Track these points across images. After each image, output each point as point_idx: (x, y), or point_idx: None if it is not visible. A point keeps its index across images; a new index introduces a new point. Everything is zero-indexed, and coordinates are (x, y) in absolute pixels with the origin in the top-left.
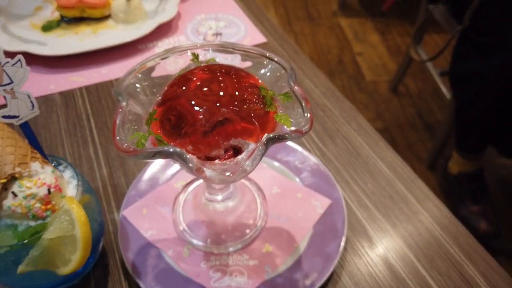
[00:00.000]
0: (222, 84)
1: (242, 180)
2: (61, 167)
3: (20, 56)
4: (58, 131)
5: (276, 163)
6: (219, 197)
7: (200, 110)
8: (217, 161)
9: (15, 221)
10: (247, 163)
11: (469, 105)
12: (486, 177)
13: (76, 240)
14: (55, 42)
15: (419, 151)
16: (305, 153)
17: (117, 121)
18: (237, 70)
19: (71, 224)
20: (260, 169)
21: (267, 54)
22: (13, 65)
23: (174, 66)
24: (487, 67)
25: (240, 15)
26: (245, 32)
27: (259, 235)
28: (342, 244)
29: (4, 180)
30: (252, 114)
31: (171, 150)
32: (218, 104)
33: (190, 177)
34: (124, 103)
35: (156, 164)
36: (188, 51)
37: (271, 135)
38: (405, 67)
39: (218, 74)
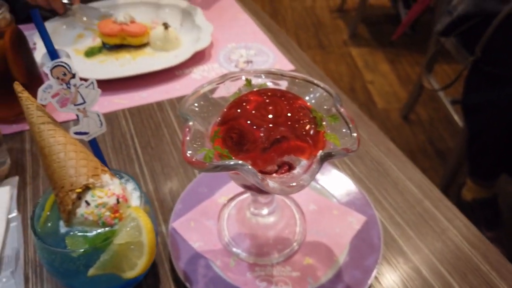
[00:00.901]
0: (277, 106)
1: (282, 197)
2: (123, 180)
3: (93, 79)
4: (105, 150)
5: (312, 182)
6: (265, 211)
7: (260, 129)
8: (274, 174)
9: (86, 228)
10: (304, 177)
11: (481, 133)
12: (499, 204)
13: (142, 246)
14: (98, 67)
15: (432, 177)
16: (339, 173)
17: (186, 138)
18: (289, 94)
19: (138, 231)
20: None
21: (315, 81)
22: (86, 87)
23: (227, 90)
24: (499, 96)
25: (268, 44)
26: (274, 60)
27: (299, 248)
28: (380, 258)
29: (80, 190)
30: (305, 133)
31: (241, 164)
32: (275, 124)
33: (232, 193)
34: (191, 123)
35: (200, 181)
36: (243, 76)
37: (325, 152)
38: (416, 95)
39: (273, 97)
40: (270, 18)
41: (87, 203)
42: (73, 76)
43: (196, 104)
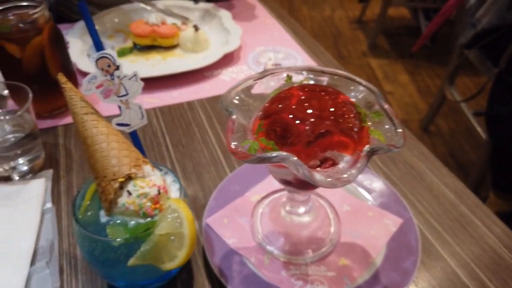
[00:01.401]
0: (321, 101)
1: (316, 197)
2: (162, 173)
3: (136, 71)
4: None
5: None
6: (301, 210)
7: (305, 122)
8: (318, 169)
9: (126, 217)
10: (352, 171)
11: (505, 145)
12: None
13: (183, 237)
14: (129, 67)
15: None
16: (373, 174)
17: (231, 131)
18: (331, 89)
19: (179, 222)
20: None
21: (356, 79)
22: (129, 79)
23: (267, 86)
24: None
25: (296, 48)
26: (302, 63)
27: (334, 249)
28: (418, 261)
29: (122, 179)
30: (350, 128)
31: (288, 156)
32: (320, 118)
33: (265, 191)
34: (234, 116)
35: (232, 179)
36: (284, 73)
37: (372, 147)
38: (437, 107)
39: (316, 92)
40: None
41: (129, 193)
42: (117, 68)
43: (237, 97)
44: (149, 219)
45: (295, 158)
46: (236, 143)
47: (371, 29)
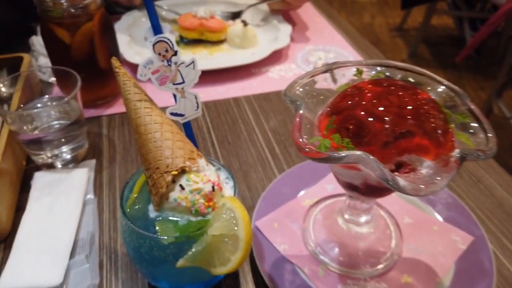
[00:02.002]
0: (400, 97)
1: (375, 206)
2: (215, 168)
3: (194, 58)
4: None
5: None
6: (362, 219)
7: (383, 120)
8: (396, 173)
9: (177, 214)
10: (439, 180)
11: None
12: None
13: (238, 240)
14: None
15: None
16: None
17: (298, 126)
18: (410, 85)
19: (234, 223)
20: (389, 197)
21: (437, 78)
22: (187, 66)
23: (333, 79)
24: None
25: (348, 48)
26: None
27: (395, 264)
28: (494, 285)
29: (176, 172)
30: (434, 130)
31: (369, 157)
32: (400, 116)
33: (317, 196)
34: (302, 111)
35: (282, 181)
36: (354, 67)
37: (462, 153)
38: None
39: (393, 87)
40: None
41: (182, 188)
42: (175, 53)
43: (301, 90)
44: (200, 217)
45: (376, 160)
46: (302, 140)
47: (412, 37)
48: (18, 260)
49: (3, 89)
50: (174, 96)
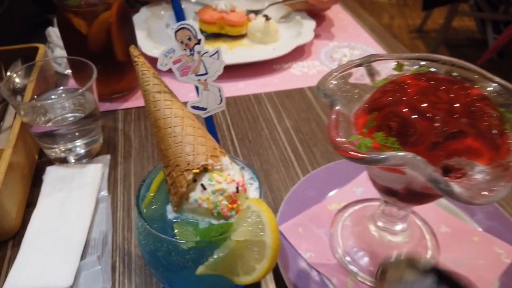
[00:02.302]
0: (450, 93)
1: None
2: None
3: (218, 48)
4: None
5: (442, 200)
6: (398, 227)
7: (432, 118)
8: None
9: (197, 216)
10: (500, 187)
11: None
12: None
13: (264, 247)
14: None
15: None
16: None
17: (335, 124)
18: (459, 79)
19: (260, 229)
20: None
21: (487, 74)
22: (211, 56)
23: (368, 74)
24: None
25: (374, 45)
26: None
27: None
28: None
29: (197, 171)
30: (489, 130)
31: (415, 158)
32: (450, 114)
33: (345, 200)
34: (338, 107)
35: (307, 183)
36: (393, 62)
37: None
38: None
39: (441, 82)
40: None
41: (203, 187)
42: (198, 42)
43: (334, 83)
44: (222, 220)
45: (426, 163)
46: (341, 137)
47: (432, 39)
48: (26, 260)
49: (17, 80)
50: (196, 88)
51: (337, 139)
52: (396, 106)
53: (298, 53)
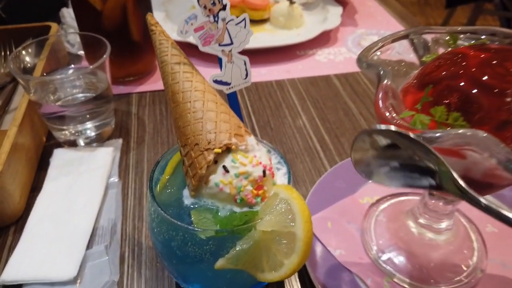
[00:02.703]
0: None
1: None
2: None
3: (245, 15)
4: None
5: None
6: (443, 225)
7: (502, 93)
8: None
9: (218, 203)
10: None
11: None
12: None
13: (295, 239)
14: None
15: None
16: None
17: (383, 99)
18: None
19: (290, 219)
20: None
21: None
22: (237, 24)
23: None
24: None
25: None
26: None
27: (478, 282)
28: None
29: (219, 150)
30: None
31: (489, 138)
32: None
33: (379, 193)
34: (386, 81)
35: (336, 173)
36: (445, 35)
37: None
38: None
39: (507, 52)
40: None
41: (226, 170)
42: (224, 7)
43: (376, 57)
44: (246, 208)
45: (499, 142)
46: (391, 114)
47: None
48: (27, 248)
49: (27, 59)
50: (219, 60)
51: (386, 115)
52: (456, 79)
53: (324, 39)
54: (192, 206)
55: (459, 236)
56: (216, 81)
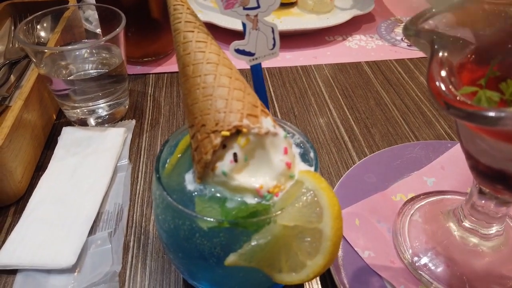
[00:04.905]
0: None
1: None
2: (287, 134)
3: None
4: None
5: None
6: (492, 230)
7: None
8: None
9: (226, 192)
10: None
11: None
12: None
13: (321, 238)
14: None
15: None
16: None
17: (438, 72)
18: None
19: (316, 212)
20: None
21: None
22: None
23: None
24: None
25: None
26: None
27: None
28: None
29: (227, 133)
30: None
31: None
32: None
33: (414, 190)
34: (442, 53)
35: (366, 166)
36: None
37: None
38: None
39: None
40: None
41: (235, 158)
42: None
43: (431, 22)
44: (257, 199)
45: None
46: (445, 90)
47: None
48: (25, 230)
49: (42, 34)
50: (244, 26)
51: (443, 90)
52: None
53: (354, 25)
54: (199, 193)
55: (509, 244)
56: (238, 51)
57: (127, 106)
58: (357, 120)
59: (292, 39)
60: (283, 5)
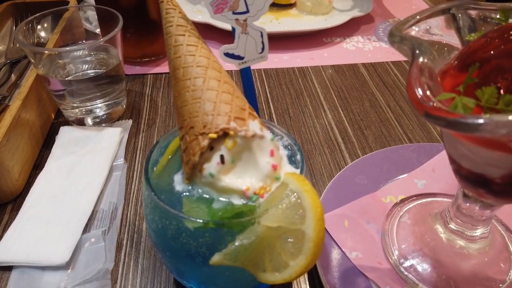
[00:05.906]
0: None
1: None
2: (275, 136)
3: None
4: None
5: None
6: (477, 232)
7: None
8: None
9: (213, 193)
10: None
11: None
12: None
13: (303, 239)
14: None
15: None
16: None
17: (418, 78)
18: None
19: (299, 214)
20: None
21: None
22: None
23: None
24: None
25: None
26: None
27: None
28: None
29: (214, 136)
30: None
31: None
32: None
33: (404, 192)
34: (422, 59)
35: (357, 168)
36: (493, 12)
37: None
38: None
39: None
40: None
41: (222, 160)
42: None
43: (416, 29)
44: (242, 201)
45: None
46: (428, 94)
47: None
48: (21, 228)
49: (42, 34)
50: (233, 30)
51: (420, 96)
52: (510, 58)
53: (352, 27)
54: (187, 194)
55: (495, 246)
56: (227, 55)
57: (124, 106)
58: (351, 121)
59: (290, 40)
60: (282, 6)
